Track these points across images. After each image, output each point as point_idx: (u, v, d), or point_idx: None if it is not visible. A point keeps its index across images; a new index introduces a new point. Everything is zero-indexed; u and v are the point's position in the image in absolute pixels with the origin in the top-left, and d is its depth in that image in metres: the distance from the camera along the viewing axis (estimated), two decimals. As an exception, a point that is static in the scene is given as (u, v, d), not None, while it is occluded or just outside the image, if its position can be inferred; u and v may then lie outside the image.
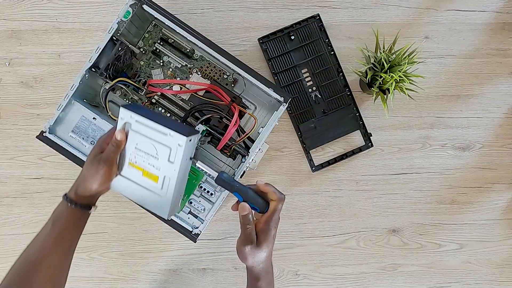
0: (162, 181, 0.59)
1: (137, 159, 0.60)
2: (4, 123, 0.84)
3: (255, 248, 0.55)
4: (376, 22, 0.85)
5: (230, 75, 0.80)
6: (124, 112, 0.58)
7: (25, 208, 0.84)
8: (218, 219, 0.84)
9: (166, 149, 0.58)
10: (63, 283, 0.60)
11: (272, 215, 0.56)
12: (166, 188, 0.60)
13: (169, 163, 0.58)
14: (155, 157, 0.59)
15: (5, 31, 0.84)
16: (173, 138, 0.57)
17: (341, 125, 0.84)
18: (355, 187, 0.86)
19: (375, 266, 0.86)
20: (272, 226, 0.56)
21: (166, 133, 0.57)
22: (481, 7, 0.86)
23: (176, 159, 0.58)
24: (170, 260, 0.85)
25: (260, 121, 0.81)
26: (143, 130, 0.58)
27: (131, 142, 0.59)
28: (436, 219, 0.86)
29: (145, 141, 0.59)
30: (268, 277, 0.57)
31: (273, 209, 0.56)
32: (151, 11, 0.69)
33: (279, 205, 0.56)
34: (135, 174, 0.60)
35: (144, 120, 0.58)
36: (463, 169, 0.86)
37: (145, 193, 0.61)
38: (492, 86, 0.87)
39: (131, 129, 0.59)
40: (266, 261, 0.56)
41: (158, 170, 0.59)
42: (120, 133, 0.58)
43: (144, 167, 0.60)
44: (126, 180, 0.61)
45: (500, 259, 0.87)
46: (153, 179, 0.60)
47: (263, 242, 0.55)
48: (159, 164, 0.59)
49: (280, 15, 0.85)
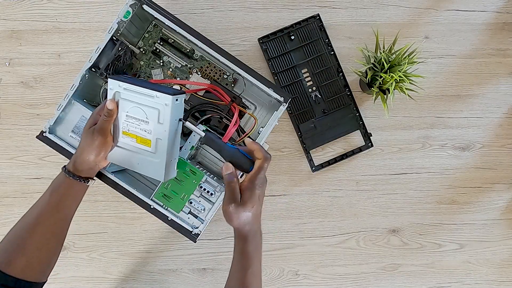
0: (155, 144, 0.61)
1: (129, 126, 0.62)
2: (4, 123, 0.84)
3: (239, 207, 0.53)
4: (376, 22, 0.85)
5: (230, 75, 0.80)
6: (112, 82, 0.60)
7: (25, 208, 0.83)
8: (218, 219, 0.84)
9: (154, 112, 0.59)
10: (58, 251, 0.62)
11: (257, 174, 0.54)
12: (159, 150, 0.61)
13: (159, 125, 0.60)
14: (146, 121, 0.60)
15: (5, 31, 0.84)
16: (159, 99, 0.58)
17: (341, 125, 0.84)
18: (355, 187, 0.86)
19: (375, 266, 0.86)
20: (256, 185, 0.54)
21: (153, 95, 0.59)
22: (481, 7, 0.86)
23: (165, 119, 0.59)
24: (170, 260, 0.85)
25: (260, 121, 0.81)
26: (131, 97, 0.60)
27: (122, 110, 0.61)
28: (436, 219, 0.86)
29: (134, 107, 0.60)
30: (255, 240, 0.56)
31: (258, 167, 0.55)
32: (151, 11, 0.69)
33: (264, 164, 0.54)
34: (129, 142, 0.62)
35: (131, 87, 0.59)
36: (463, 169, 0.86)
37: (141, 159, 0.63)
38: (492, 86, 0.87)
39: (120, 98, 0.61)
40: (253, 222, 0.55)
41: (150, 133, 0.61)
42: (111, 102, 0.60)
43: (137, 133, 0.62)
44: (122, 150, 0.63)
45: (500, 259, 0.87)
46: (146, 144, 0.62)
47: (248, 201, 0.53)
48: (150, 127, 0.60)
49: (280, 15, 0.85)
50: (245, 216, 0.54)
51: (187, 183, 0.70)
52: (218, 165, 0.81)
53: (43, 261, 0.59)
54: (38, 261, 0.58)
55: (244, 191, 0.54)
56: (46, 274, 0.60)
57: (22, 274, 0.55)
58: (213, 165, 0.81)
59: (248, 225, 0.55)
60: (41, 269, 0.59)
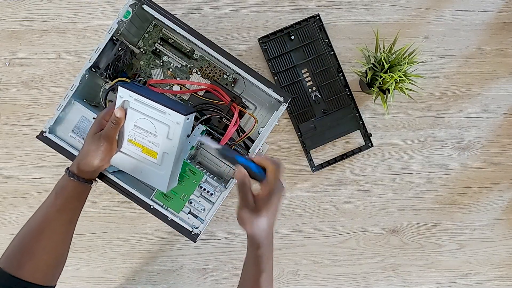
0: (161, 157, 0.62)
1: (136, 136, 0.62)
2: (4, 123, 0.84)
3: (253, 213, 0.53)
4: (376, 22, 0.85)
5: (230, 75, 0.80)
6: (122, 90, 0.60)
7: (25, 208, 0.84)
8: (218, 219, 0.84)
9: (164, 127, 0.60)
10: (65, 253, 0.62)
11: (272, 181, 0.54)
12: (165, 163, 0.62)
13: (168, 140, 0.60)
14: (154, 135, 0.61)
15: (5, 31, 0.84)
16: (171, 116, 0.59)
17: (341, 125, 0.84)
18: (355, 187, 0.86)
19: (375, 266, 0.86)
20: (271, 194, 0.54)
21: (165, 112, 0.59)
22: (481, 7, 0.86)
23: (175, 136, 0.60)
24: (170, 260, 0.85)
25: (260, 121, 0.81)
26: (141, 109, 0.60)
27: (130, 119, 0.61)
28: (436, 219, 0.86)
29: (144, 119, 0.61)
30: (269, 247, 0.56)
31: (270, 176, 0.54)
32: (151, 11, 0.69)
33: (276, 172, 0.55)
34: (135, 150, 0.63)
35: (142, 99, 0.60)
36: (463, 169, 0.86)
37: (145, 168, 0.64)
38: (492, 86, 0.87)
39: (129, 107, 0.61)
40: (267, 231, 0.55)
41: (157, 146, 0.61)
42: (120, 111, 0.61)
43: (143, 144, 0.62)
44: (126, 156, 0.64)
45: (500, 259, 0.87)
46: (152, 155, 0.62)
47: (263, 208, 0.53)
48: (158, 141, 0.61)
49: (280, 15, 0.85)
50: (260, 223, 0.54)
51: (187, 183, 0.70)
52: (218, 165, 0.81)
53: (52, 264, 0.59)
54: (47, 264, 0.58)
55: (259, 199, 0.54)
56: (55, 278, 0.60)
57: (32, 278, 0.55)
58: (213, 165, 0.81)
59: (263, 231, 0.55)
60: (50, 272, 0.59)
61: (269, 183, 0.54)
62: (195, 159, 0.80)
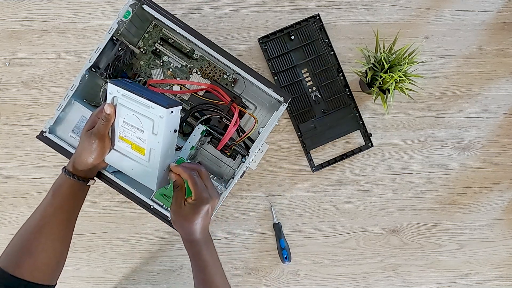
0: (149, 153, 0.61)
1: (125, 132, 0.61)
2: (4, 123, 0.84)
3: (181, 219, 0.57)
4: (376, 22, 0.85)
5: (230, 75, 0.80)
6: (111, 87, 0.60)
7: (25, 208, 0.84)
8: (218, 219, 0.84)
9: (149, 122, 0.59)
10: (65, 252, 0.63)
11: (194, 192, 0.57)
12: (152, 160, 0.61)
13: (153, 135, 0.59)
14: (141, 130, 0.60)
15: (5, 31, 0.84)
16: (154, 110, 0.58)
17: (341, 125, 0.84)
18: (355, 187, 0.86)
19: (375, 266, 0.86)
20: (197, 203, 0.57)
21: (148, 106, 0.58)
22: (481, 7, 0.86)
23: (159, 131, 0.59)
24: (170, 260, 0.85)
25: (260, 121, 0.81)
26: (128, 104, 0.60)
27: (120, 116, 0.61)
28: (436, 219, 0.86)
29: (131, 114, 0.60)
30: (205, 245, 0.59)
31: (191, 186, 0.58)
32: (151, 11, 0.69)
33: (193, 181, 0.57)
34: (125, 147, 0.62)
35: (128, 94, 0.59)
36: (463, 169, 0.86)
37: (135, 165, 0.62)
38: (492, 86, 0.87)
39: (118, 103, 0.60)
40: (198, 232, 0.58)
41: (144, 142, 0.60)
42: (109, 107, 0.60)
43: (132, 140, 0.61)
44: (118, 153, 0.63)
45: (500, 259, 0.87)
46: (140, 152, 0.61)
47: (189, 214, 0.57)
48: (145, 136, 0.60)
49: (280, 15, 0.85)
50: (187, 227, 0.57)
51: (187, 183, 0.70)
52: (218, 165, 0.81)
53: (51, 263, 0.59)
54: (46, 263, 0.58)
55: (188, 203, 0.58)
56: (55, 277, 0.61)
57: (31, 276, 0.56)
58: (213, 165, 0.81)
59: (192, 235, 0.58)
60: (49, 270, 0.59)
61: (193, 192, 0.57)
62: (195, 159, 0.80)
